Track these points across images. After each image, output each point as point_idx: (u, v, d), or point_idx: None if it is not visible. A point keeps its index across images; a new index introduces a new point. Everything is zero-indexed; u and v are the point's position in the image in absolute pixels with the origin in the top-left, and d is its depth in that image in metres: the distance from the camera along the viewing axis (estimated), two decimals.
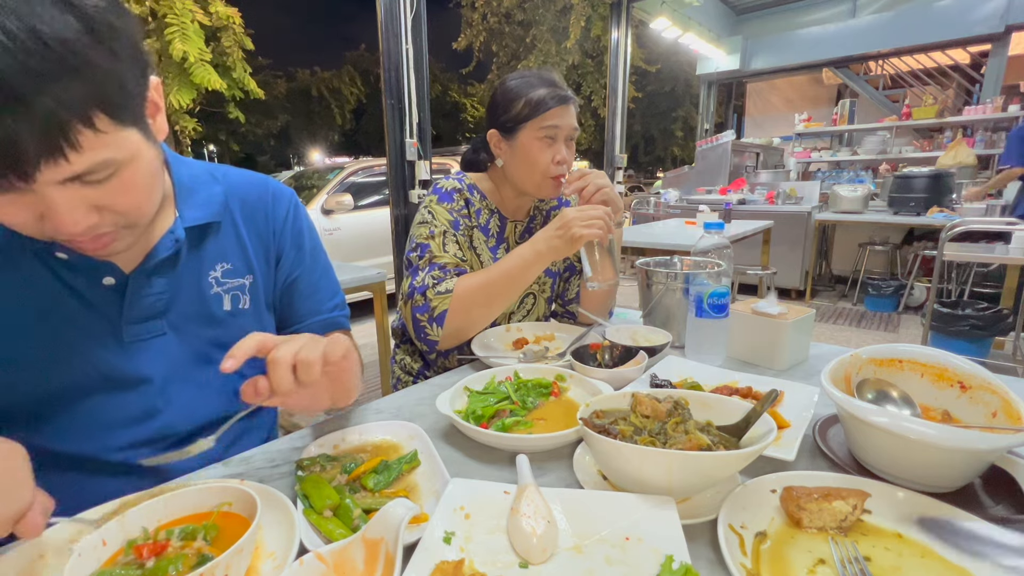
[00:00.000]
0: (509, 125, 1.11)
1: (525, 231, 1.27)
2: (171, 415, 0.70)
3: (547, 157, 1.11)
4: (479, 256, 1.15)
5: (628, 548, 0.47)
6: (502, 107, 1.11)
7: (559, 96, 1.08)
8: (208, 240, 0.73)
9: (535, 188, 1.14)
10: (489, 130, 1.15)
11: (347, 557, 0.45)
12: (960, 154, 5.17)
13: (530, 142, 1.10)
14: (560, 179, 1.13)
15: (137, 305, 0.66)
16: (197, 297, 0.72)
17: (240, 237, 0.76)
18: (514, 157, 1.13)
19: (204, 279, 0.72)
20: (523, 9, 11.28)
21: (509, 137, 1.12)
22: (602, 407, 0.62)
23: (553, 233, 0.97)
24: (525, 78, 1.12)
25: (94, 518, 0.50)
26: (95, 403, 0.65)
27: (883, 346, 0.73)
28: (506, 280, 1.01)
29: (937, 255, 2.89)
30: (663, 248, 2.75)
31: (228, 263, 0.75)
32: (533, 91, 1.09)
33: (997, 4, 5.76)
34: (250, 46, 8.15)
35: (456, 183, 1.15)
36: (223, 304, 0.74)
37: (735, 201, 4.76)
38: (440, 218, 1.09)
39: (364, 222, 4.60)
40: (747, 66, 7.68)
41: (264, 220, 0.79)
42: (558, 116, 1.09)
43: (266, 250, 0.80)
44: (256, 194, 0.80)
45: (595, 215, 0.96)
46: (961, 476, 0.56)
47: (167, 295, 0.68)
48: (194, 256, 0.71)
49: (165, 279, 0.68)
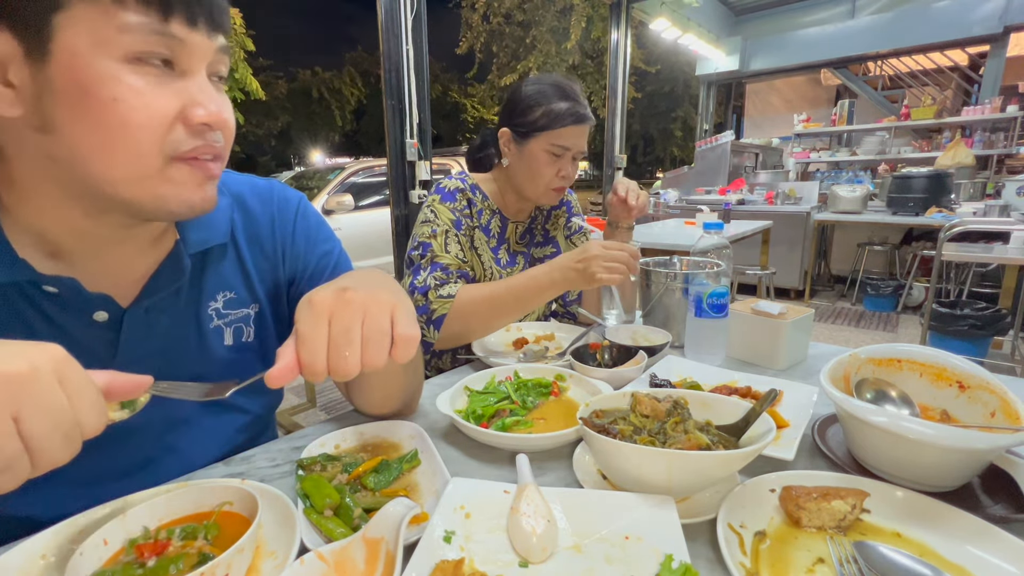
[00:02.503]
0: (522, 130, 1.10)
1: (526, 232, 1.27)
2: (170, 464, 0.62)
3: (552, 171, 1.11)
4: (480, 256, 1.15)
5: (628, 547, 0.47)
6: (520, 110, 1.11)
7: (578, 115, 1.08)
8: (209, 265, 0.63)
9: (534, 195, 1.16)
10: (502, 128, 1.15)
11: (348, 556, 0.45)
12: (959, 154, 5.17)
13: (539, 153, 1.10)
14: (560, 190, 1.15)
15: (134, 346, 0.57)
16: (195, 332, 0.63)
17: (243, 260, 0.67)
18: (521, 161, 1.13)
19: (203, 311, 0.63)
20: (523, 10, 11.29)
21: (520, 141, 1.12)
22: (602, 407, 0.63)
23: (572, 264, 0.94)
24: (549, 85, 1.10)
25: (95, 517, 0.50)
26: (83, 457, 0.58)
27: (882, 346, 0.73)
28: (513, 299, 0.99)
29: (936, 255, 2.90)
30: (662, 248, 2.75)
31: (231, 292, 0.65)
32: (554, 103, 1.08)
33: (996, 5, 5.76)
34: (251, 47, 8.16)
35: (459, 183, 1.15)
36: (224, 339, 0.65)
37: (734, 201, 4.76)
38: (443, 217, 1.09)
39: (365, 222, 4.60)
40: (746, 67, 7.68)
41: (271, 236, 0.69)
42: (572, 136, 1.09)
43: (274, 272, 0.70)
44: (260, 207, 0.69)
45: (619, 258, 0.92)
46: (960, 475, 0.56)
47: (167, 333, 0.60)
48: (193, 284, 0.62)
49: (167, 315, 0.60)
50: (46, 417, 0.35)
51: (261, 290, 0.69)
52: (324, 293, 0.46)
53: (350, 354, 0.44)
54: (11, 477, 0.34)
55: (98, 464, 0.58)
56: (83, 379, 0.38)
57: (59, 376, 0.36)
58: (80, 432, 0.37)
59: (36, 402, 0.34)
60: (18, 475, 0.35)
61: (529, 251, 1.28)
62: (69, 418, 0.36)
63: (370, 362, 0.45)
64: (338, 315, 0.45)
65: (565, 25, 10.05)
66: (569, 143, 1.10)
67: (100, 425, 0.39)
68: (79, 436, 0.37)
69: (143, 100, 0.45)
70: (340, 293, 0.46)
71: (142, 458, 0.61)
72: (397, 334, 0.47)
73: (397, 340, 0.47)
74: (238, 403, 0.69)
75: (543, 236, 1.30)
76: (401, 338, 0.47)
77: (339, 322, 0.45)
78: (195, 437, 0.65)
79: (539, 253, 1.29)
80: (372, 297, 0.47)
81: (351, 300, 0.46)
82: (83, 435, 0.38)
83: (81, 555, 0.43)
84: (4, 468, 0.34)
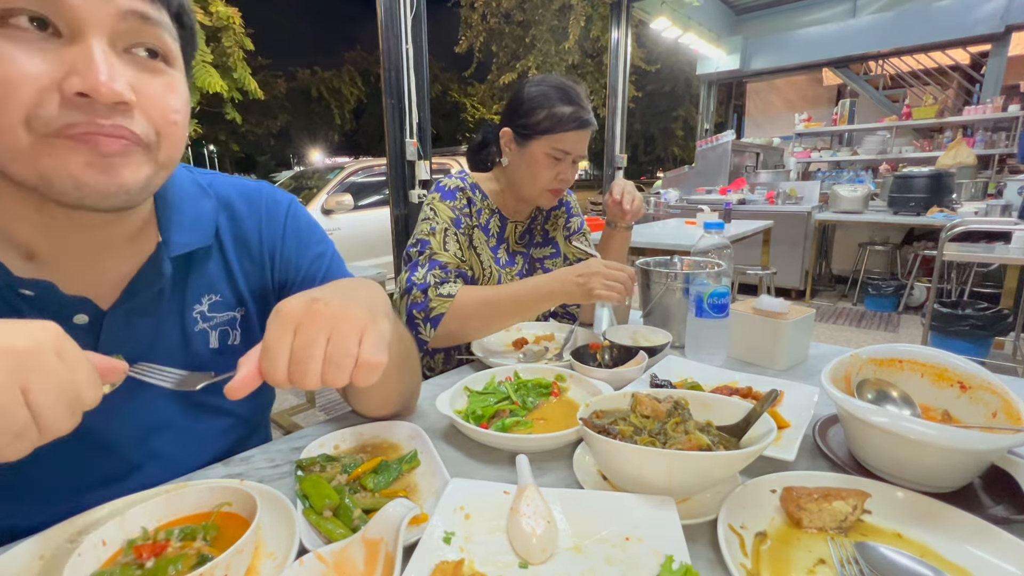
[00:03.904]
0: (524, 132, 1.10)
1: (526, 231, 1.27)
2: (153, 470, 0.61)
3: (551, 173, 1.12)
4: (479, 255, 1.15)
5: (628, 548, 0.47)
6: (523, 112, 1.10)
7: (581, 120, 1.08)
8: (193, 268, 0.62)
9: (531, 195, 1.16)
10: (503, 127, 1.15)
11: (347, 557, 0.45)
12: (960, 154, 5.17)
13: (540, 155, 1.10)
14: (557, 192, 1.15)
15: (114, 349, 0.54)
16: (179, 335, 0.61)
17: (228, 263, 0.66)
18: (520, 162, 1.13)
19: (187, 314, 0.62)
20: (523, 9, 11.28)
21: (521, 142, 1.12)
22: (602, 407, 0.62)
23: (574, 279, 0.97)
24: (553, 87, 1.10)
25: (94, 518, 0.50)
26: (62, 465, 0.55)
27: (883, 346, 0.73)
28: (512, 304, 1.00)
29: (937, 255, 2.89)
30: (663, 248, 2.75)
31: (216, 295, 0.64)
32: (557, 107, 1.07)
33: (997, 4, 5.76)
34: (250, 46, 8.14)
35: (459, 182, 1.15)
36: (209, 342, 0.64)
37: (735, 201, 4.76)
38: (442, 215, 1.09)
39: (364, 222, 4.60)
40: (747, 66, 7.68)
41: (258, 239, 0.68)
42: (573, 141, 1.09)
43: (262, 275, 0.69)
44: (247, 209, 0.68)
45: (619, 278, 0.95)
46: (961, 476, 0.56)
47: (149, 336, 0.59)
48: (177, 287, 0.61)
49: (149, 318, 0.59)
50: (51, 388, 0.36)
51: (247, 293, 0.68)
52: (294, 303, 0.45)
53: (309, 370, 0.43)
54: (21, 445, 0.36)
55: (81, 473, 0.57)
56: (79, 354, 0.39)
57: (58, 350, 0.37)
58: (81, 403, 0.39)
59: (41, 374, 0.36)
60: (28, 442, 0.36)
61: (528, 251, 1.27)
62: (72, 389, 0.38)
63: (330, 381, 0.43)
64: (304, 327, 0.44)
65: (564, 24, 10.04)
66: (570, 147, 1.10)
67: (98, 397, 0.40)
68: (80, 407, 0.39)
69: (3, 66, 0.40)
70: (310, 304, 0.45)
71: (126, 466, 0.60)
72: (362, 358, 0.44)
73: (360, 364, 0.44)
74: (223, 405, 0.68)
75: (543, 237, 1.30)
76: (365, 363, 0.44)
77: (303, 335, 0.43)
78: (180, 442, 0.64)
79: (538, 253, 1.28)
80: (343, 313, 0.45)
81: (319, 313, 0.44)
82: (83, 406, 0.39)
83: (80, 556, 0.43)
84: (16, 436, 0.35)
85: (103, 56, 0.43)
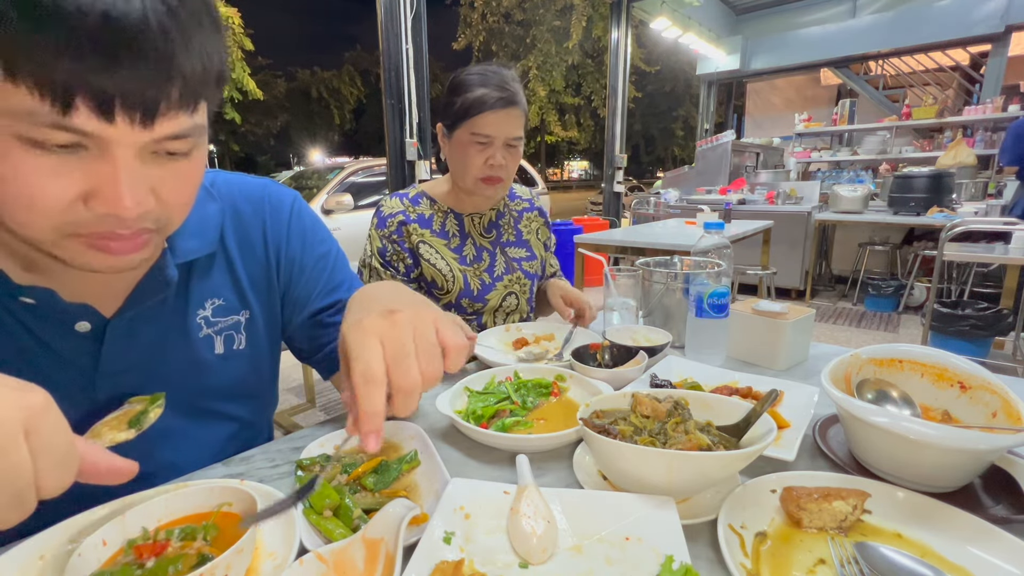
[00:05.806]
0: (448, 122, 1.09)
1: (492, 225, 1.25)
2: (159, 479, 0.59)
3: (480, 160, 1.07)
4: (434, 265, 1.15)
5: (628, 548, 0.47)
6: (444, 102, 1.08)
7: (496, 99, 1.03)
8: (197, 274, 0.62)
9: (465, 187, 1.13)
10: (437, 122, 1.14)
11: (347, 557, 0.45)
12: (960, 154, 5.17)
13: (465, 142, 1.07)
14: (494, 181, 1.10)
15: (117, 357, 0.56)
16: (183, 341, 0.61)
17: (233, 266, 0.65)
18: (452, 154, 1.12)
19: (191, 320, 0.62)
20: (523, 9, 11.30)
21: (448, 133, 1.10)
22: (602, 407, 0.62)
23: None
24: (472, 74, 1.07)
25: (94, 518, 0.50)
26: None
27: (883, 346, 0.73)
28: None
29: (937, 255, 2.89)
30: (663, 248, 2.75)
31: (219, 299, 0.64)
32: (472, 91, 1.04)
33: (997, 4, 5.76)
34: (250, 46, 8.17)
35: (399, 203, 1.15)
36: (215, 347, 0.64)
37: (735, 201, 4.76)
38: (372, 246, 1.13)
39: (364, 222, 4.57)
40: (747, 66, 7.68)
41: (263, 240, 0.68)
42: (492, 124, 1.04)
43: (268, 275, 0.69)
44: (252, 211, 0.67)
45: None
46: (961, 476, 0.56)
47: (153, 344, 0.59)
48: (180, 293, 0.61)
49: (153, 325, 0.58)
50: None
51: (252, 295, 0.67)
52: (371, 319, 0.47)
53: (410, 366, 0.44)
54: None
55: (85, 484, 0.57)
56: (55, 435, 0.34)
57: (27, 428, 0.32)
58: (34, 495, 0.34)
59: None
60: None
61: (502, 248, 1.26)
62: (25, 478, 0.32)
63: (428, 374, 0.45)
64: (389, 336, 0.45)
65: (565, 24, 10.05)
66: (492, 130, 1.05)
67: (63, 485, 0.35)
68: (33, 499, 0.34)
69: (30, 182, 0.40)
70: (387, 315, 0.47)
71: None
72: (446, 345, 0.47)
73: (448, 350, 0.47)
74: (227, 410, 0.68)
75: (515, 236, 1.29)
76: (451, 348, 0.47)
77: (393, 342, 0.45)
78: (186, 449, 0.64)
79: (514, 253, 1.28)
80: (416, 314, 0.48)
81: (399, 321, 0.46)
82: (40, 496, 0.34)
83: (80, 556, 0.43)
84: None
85: (128, 176, 0.42)
